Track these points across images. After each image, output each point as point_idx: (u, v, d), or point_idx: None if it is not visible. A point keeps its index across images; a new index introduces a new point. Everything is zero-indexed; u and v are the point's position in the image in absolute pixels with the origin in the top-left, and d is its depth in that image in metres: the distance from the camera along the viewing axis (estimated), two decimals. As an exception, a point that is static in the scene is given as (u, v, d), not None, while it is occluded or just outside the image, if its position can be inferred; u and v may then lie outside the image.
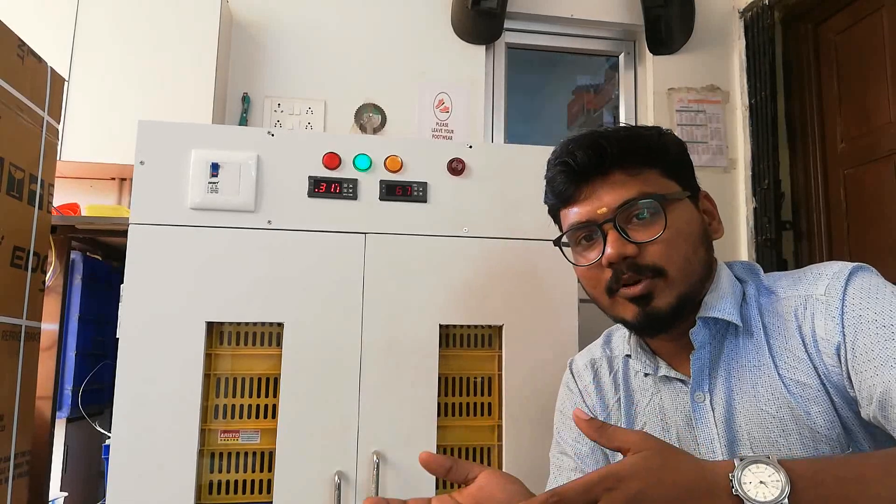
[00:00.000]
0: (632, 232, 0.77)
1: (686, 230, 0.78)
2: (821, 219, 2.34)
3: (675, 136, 0.84)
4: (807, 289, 0.77)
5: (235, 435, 1.20)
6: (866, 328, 0.70)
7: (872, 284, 0.73)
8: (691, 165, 0.84)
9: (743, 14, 2.54)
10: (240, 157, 1.24)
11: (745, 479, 0.56)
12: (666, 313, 0.76)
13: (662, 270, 0.76)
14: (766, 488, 0.55)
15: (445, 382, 1.27)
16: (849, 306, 0.72)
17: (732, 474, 0.57)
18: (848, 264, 0.76)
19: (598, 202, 0.78)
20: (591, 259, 0.80)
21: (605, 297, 0.80)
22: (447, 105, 2.43)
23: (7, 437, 1.16)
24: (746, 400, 0.77)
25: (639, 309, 0.77)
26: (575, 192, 0.80)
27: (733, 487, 0.56)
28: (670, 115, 2.50)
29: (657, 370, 0.84)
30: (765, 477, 0.56)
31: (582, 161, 0.79)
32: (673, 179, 0.80)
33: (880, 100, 2.10)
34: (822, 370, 0.73)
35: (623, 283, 0.77)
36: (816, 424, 0.73)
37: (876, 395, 0.67)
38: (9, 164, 1.16)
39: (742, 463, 0.57)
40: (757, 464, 0.57)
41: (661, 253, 0.76)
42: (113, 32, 2.08)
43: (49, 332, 1.45)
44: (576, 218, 0.81)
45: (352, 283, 1.24)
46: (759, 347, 0.78)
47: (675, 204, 0.78)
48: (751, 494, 0.55)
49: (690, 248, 0.78)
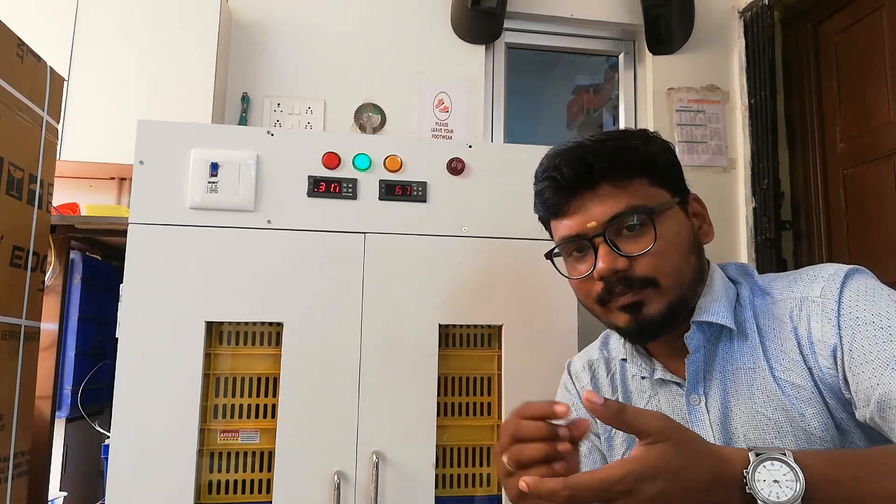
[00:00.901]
0: (622, 244, 0.77)
1: (676, 240, 0.78)
2: (820, 219, 2.34)
3: (662, 139, 0.83)
4: (802, 291, 0.77)
5: (235, 434, 1.20)
6: (863, 330, 0.70)
7: (869, 287, 0.73)
8: (680, 169, 0.84)
9: (742, 14, 2.54)
10: (239, 157, 1.24)
11: (759, 476, 0.56)
12: (657, 321, 0.77)
13: (654, 281, 0.76)
14: (780, 488, 0.55)
15: (445, 382, 1.27)
16: (845, 308, 0.72)
17: (746, 471, 0.56)
18: (843, 266, 0.76)
19: (588, 216, 0.78)
20: (582, 272, 0.80)
21: (597, 307, 0.81)
22: (447, 105, 2.43)
23: (6, 437, 1.16)
24: (742, 402, 0.77)
25: (630, 316, 0.77)
26: (564, 206, 0.80)
27: (746, 485, 0.55)
28: (670, 115, 2.50)
29: (653, 373, 0.85)
30: (779, 476, 0.55)
31: (569, 176, 0.78)
32: (662, 187, 0.80)
33: (880, 99, 2.10)
34: (817, 372, 0.73)
35: (615, 295, 0.77)
36: (811, 426, 0.73)
37: (874, 397, 0.66)
38: (8, 164, 1.16)
39: (757, 459, 0.56)
40: (772, 461, 0.56)
41: (652, 265, 0.76)
42: (112, 32, 2.08)
43: (48, 331, 1.45)
44: (566, 231, 0.80)
45: (351, 283, 1.24)
46: (753, 350, 0.78)
47: (665, 214, 0.78)
48: (763, 494, 0.54)
49: (681, 256, 0.78)
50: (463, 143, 1.34)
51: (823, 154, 2.35)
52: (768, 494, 0.54)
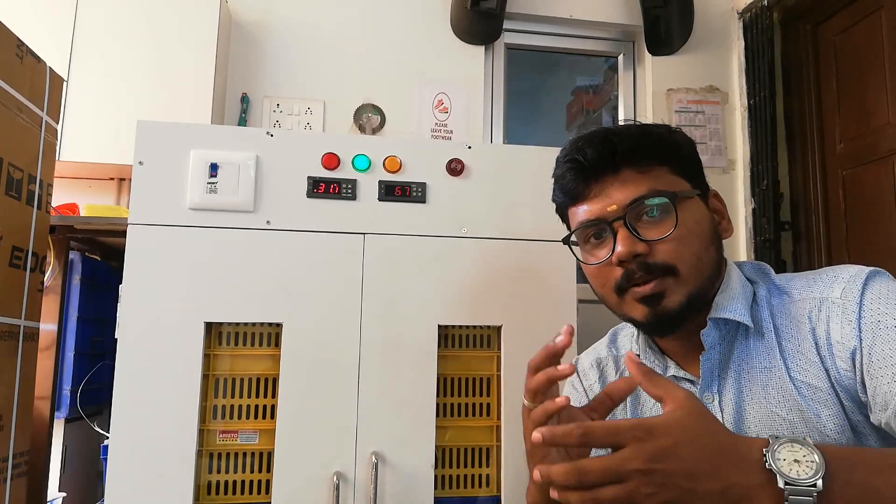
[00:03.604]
0: (642, 230, 0.76)
1: (697, 229, 0.77)
2: (819, 219, 2.34)
3: (685, 134, 0.83)
4: (822, 291, 0.75)
5: (234, 435, 1.20)
6: (885, 334, 0.68)
7: (890, 289, 0.72)
8: (701, 164, 0.83)
9: (742, 15, 2.54)
10: (239, 158, 1.24)
11: (780, 455, 0.56)
12: (676, 313, 0.76)
13: (674, 269, 0.75)
14: (800, 466, 0.55)
15: (444, 383, 1.27)
16: (867, 311, 0.71)
17: (767, 449, 0.56)
18: (864, 268, 0.75)
19: (609, 199, 0.77)
20: (600, 257, 0.79)
21: (613, 296, 0.79)
22: (446, 105, 2.43)
23: (5, 438, 1.16)
24: (756, 401, 0.77)
25: (649, 309, 0.76)
26: (584, 190, 0.79)
27: (766, 462, 0.56)
28: (669, 116, 2.50)
29: (666, 370, 0.84)
30: (799, 456, 0.56)
31: (592, 158, 0.78)
32: (683, 177, 0.79)
33: (879, 100, 2.10)
34: (834, 374, 0.72)
35: (634, 282, 0.76)
36: (826, 428, 0.72)
37: (893, 402, 0.66)
38: (7, 164, 1.16)
39: (778, 440, 0.57)
40: (793, 443, 0.56)
41: (672, 251, 0.75)
42: (112, 32, 2.08)
43: (47, 332, 1.45)
44: (585, 216, 0.80)
45: (351, 284, 1.24)
46: (770, 349, 0.77)
47: (686, 202, 0.78)
48: (784, 471, 0.55)
49: (701, 246, 0.77)
50: (462, 144, 1.34)
51: (822, 155, 2.35)
52: (789, 471, 0.55)
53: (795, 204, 2.44)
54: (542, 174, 0.90)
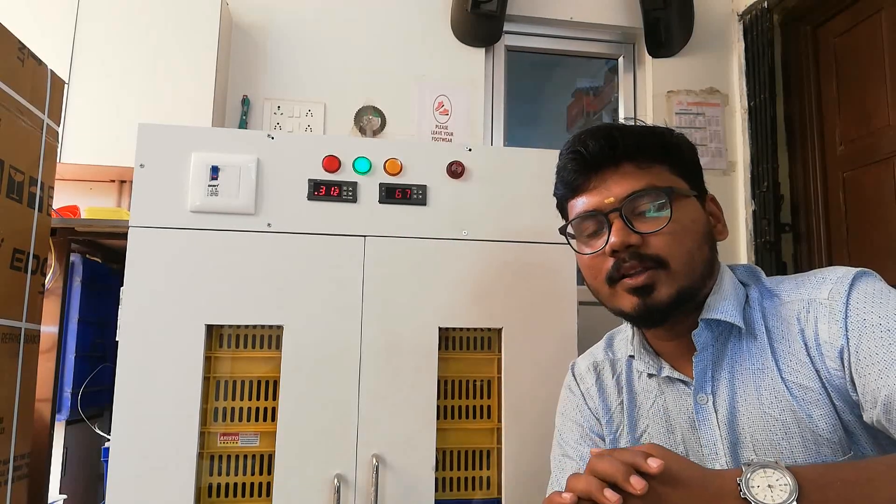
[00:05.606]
0: (637, 224, 0.78)
1: (691, 227, 0.79)
2: (820, 221, 2.34)
3: (687, 139, 0.85)
4: (810, 293, 0.77)
5: (235, 438, 1.20)
6: (870, 332, 0.70)
7: (876, 289, 0.73)
8: (700, 168, 0.85)
9: (742, 17, 2.54)
10: (240, 160, 1.24)
11: (754, 482, 0.57)
12: (666, 305, 0.77)
13: (665, 262, 0.76)
14: (773, 492, 0.56)
15: (445, 385, 1.27)
16: (853, 310, 0.72)
17: (740, 478, 0.58)
18: (851, 269, 0.76)
19: (607, 192, 0.79)
20: (595, 247, 0.81)
21: (605, 287, 0.81)
22: (447, 108, 2.43)
23: (6, 440, 1.16)
24: (749, 402, 0.78)
25: (639, 300, 0.77)
26: (584, 182, 0.81)
27: (741, 491, 0.57)
28: (669, 118, 2.50)
29: (661, 371, 0.85)
30: (773, 481, 0.57)
31: (594, 151, 0.80)
32: (682, 177, 0.81)
33: (879, 102, 2.10)
34: (825, 374, 0.73)
35: (624, 272, 0.77)
36: (818, 428, 0.73)
37: (881, 398, 0.67)
38: (9, 167, 1.16)
39: (750, 468, 0.58)
40: (765, 468, 0.57)
41: (665, 245, 0.76)
42: (113, 35, 2.09)
43: (48, 334, 1.45)
44: (583, 207, 0.81)
45: (351, 286, 1.24)
46: (762, 350, 0.78)
47: (683, 200, 0.79)
48: (759, 498, 0.56)
49: (694, 244, 0.78)
50: (463, 146, 1.34)
51: (823, 157, 2.35)
52: (763, 498, 0.56)
53: (796, 206, 2.44)
54: (543, 176, 0.91)
